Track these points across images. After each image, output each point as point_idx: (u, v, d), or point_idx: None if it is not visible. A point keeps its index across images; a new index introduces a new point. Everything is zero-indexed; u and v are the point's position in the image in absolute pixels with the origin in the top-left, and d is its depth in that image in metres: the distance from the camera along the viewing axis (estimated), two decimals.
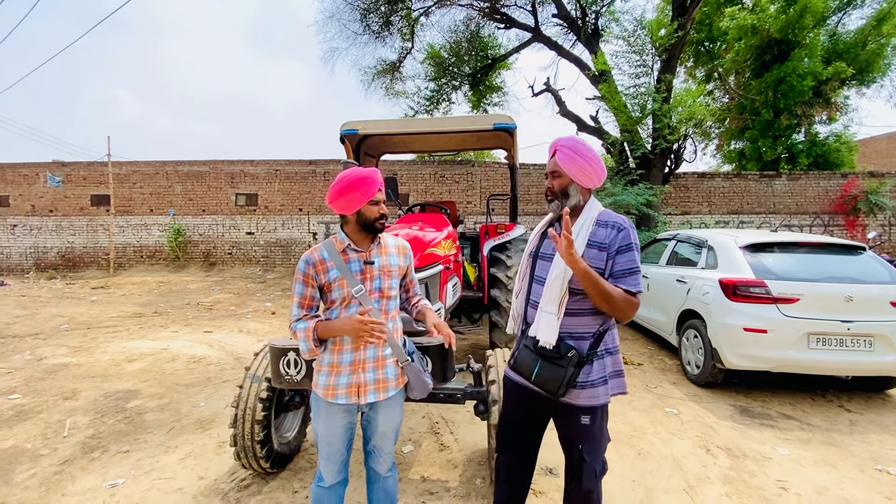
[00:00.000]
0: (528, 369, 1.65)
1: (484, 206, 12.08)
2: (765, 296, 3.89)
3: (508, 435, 1.89)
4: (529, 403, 1.79)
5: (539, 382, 1.64)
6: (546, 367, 1.61)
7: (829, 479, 2.79)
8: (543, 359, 1.62)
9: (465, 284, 4.76)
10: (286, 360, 2.22)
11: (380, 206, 1.78)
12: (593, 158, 1.65)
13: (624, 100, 9.84)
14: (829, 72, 11.10)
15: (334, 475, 1.83)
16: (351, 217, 1.77)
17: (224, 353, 5.35)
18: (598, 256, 1.62)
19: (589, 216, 1.68)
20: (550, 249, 1.71)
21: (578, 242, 1.61)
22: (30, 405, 3.80)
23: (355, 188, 1.71)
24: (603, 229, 1.66)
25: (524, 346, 1.69)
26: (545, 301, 1.64)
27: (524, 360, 1.67)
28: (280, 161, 12.76)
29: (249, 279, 11.69)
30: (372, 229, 1.78)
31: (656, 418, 3.62)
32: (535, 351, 1.64)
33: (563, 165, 1.67)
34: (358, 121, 4.08)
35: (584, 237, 1.63)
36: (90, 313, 7.61)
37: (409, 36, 13.07)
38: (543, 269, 1.72)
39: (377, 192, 1.75)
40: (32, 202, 13.00)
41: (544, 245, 1.77)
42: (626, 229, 1.64)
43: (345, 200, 1.73)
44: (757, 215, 12.19)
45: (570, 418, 1.69)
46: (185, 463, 2.91)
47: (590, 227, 1.65)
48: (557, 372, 1.59)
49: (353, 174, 1.74)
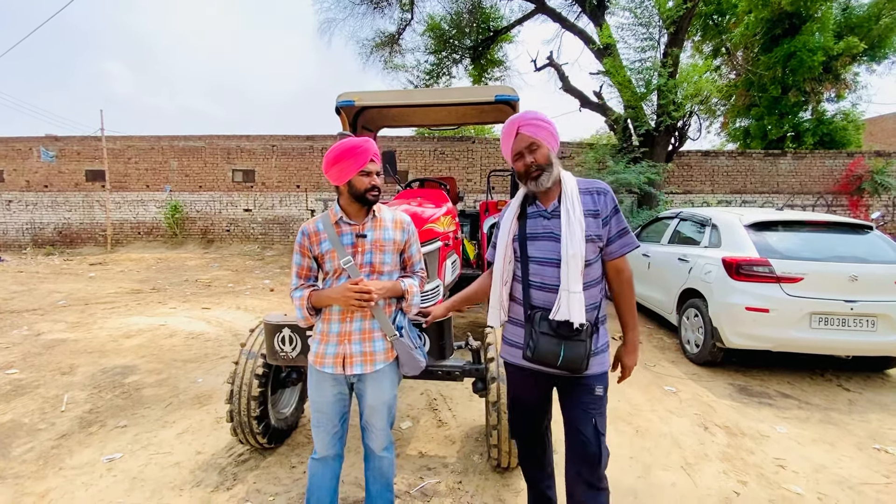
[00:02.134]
0: (553, 356, 1.56)
1: (484, 184, 11.94)
2: (768, 275, 3.83)
3: (520, 419, 1.85)
4: (536, 384, 1.75)
5: (565, 366, 1.57)
6: (570, 348, 1.55)
7: (827, 457, 2.79)
8: (567, 340, 1.55)
9: (465, 262, 4.71)
10: (281, 336, 2.18)
11: (371, 176, 1.73)
12: (551, 122, 1.66)
13: (629, 75, 9.60)
14: (840, 46, 10.81)
15: (325, 446, 1.81)
16: (343, 188, 1.74)
17: (222, 329, 5.34)
18: (595, 224, 1.61)
19: (570, 186, 1.64)
20: (541, 228, 1.65)
21: (577, 213, 1.58)
22: (27, 380, 3.80)
23: (346, 157, 1.69)
24: (588, 196, 1.65)
25: (542, 333, 1.57)
26: (569, 281, 1.54)
27: (547, 347, 1.56)
28: (277, 136, 12.55)
29: (247, 256, 11.64)
30: (364, 200, 1.74)
31: (655, 396, 3.62)
32: (557, 335, 1.56)
33: (537, 135, 1.63)
34: (355, 91, 3.93)
35: (578, 207, 1.60)
36: (88, 289, 7.58)
37: (408, 6, 12.68)
38: (543, 249, 1.63)
39: (368, 163, 1.71)
40: (27, 177, 12.84)
41: (530, 225, 1.68)
42: (608, 192, 1.67)
43: (336, 170, 1.71)
44: (760, 195, 12.06)
45: (583, 391, 1.63)
46: (182, 438, 2.91)
47: (578, 196, 1.62)
48: (580, 348, 1.56)
49: (346, 143, 1.71)
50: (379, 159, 1.78)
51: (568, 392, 1.68)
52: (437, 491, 2.40)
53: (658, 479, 2.54)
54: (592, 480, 1.62)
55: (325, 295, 1.74)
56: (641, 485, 2.48)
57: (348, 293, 1.66)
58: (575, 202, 1.60)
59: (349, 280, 1.71)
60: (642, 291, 5.81)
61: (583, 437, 1.62)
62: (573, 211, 1.58)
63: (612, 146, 10.82)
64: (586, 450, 1.61)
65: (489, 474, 2.54)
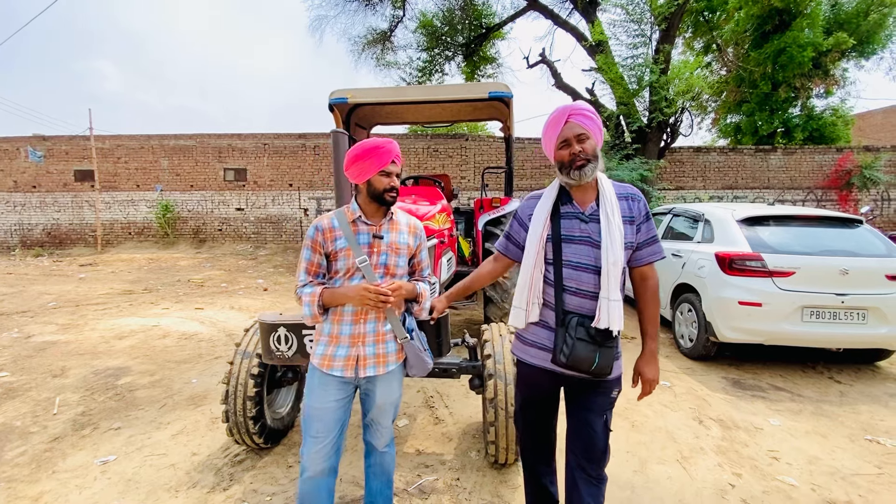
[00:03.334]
0: (588, 362, 1.54)
1: (478, 182, 11.93)
2: (760, 269, 3.87)
3: (531, 417, 1.84)
4: (549, 384, 1.73)
5: (597, 371, 1.56)
6: (604, 355, 1.56)
7: (819, 448, 2.83)
8: (602, 347, 1.55)
9: (460, 259, 4.70)
10: (276, 335, 2.17)
11: (391, 177, 1.74)
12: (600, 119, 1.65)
13: (621, 71, 9.62)
14: (829, 42, 10.89)
15: (322, 459, 1.70)
16: (362, 187, 1.74)
17: (216, 329, 5.30)
18: (630, 231, 1.60)
19: (609, 190, 1.61)
20: (578, 231, 1.59)
21: (617, 220, 1.55)
22: (18, 383, 3.74)
23: (369, 156, 1.69)
24: (624, 201, 1.62)
25: (579, 339, 1.54)
26: (611, 290, 1.53)
27: (583, 353, 1.53)
28: (268, 135, 12.45)
29: (240, 256, 11.56)
30: (382, 200, 1.74)
31: None
32: (594, 342, 1.55)
33: (589, 127, 1.58)
34: (348, 89, 3.92)
35: (618, 213, 1.57)
36: (78, 290, 7.49)
37: (400, 3, 12.61)
38: (579, 253, 1.59)
39: (390, 164, 1.72)
40: (14, 178, 12.63)
41: (565, 227, 1.61)
42: (642, 199, 1.66)
43: (357, 168, 1.71)
44: (751, 190, 12.16)
45: (600, 394, 1.64)
46: (177, 439, 2.89)
47: (616, 202, 1.59)
48: (611, 355, 1.57)
49: (370, 142, 1.72)
50: (400, 161, 1.79)
51: (582, 393, 1.67)
52: (434, 488, 2.40)
53: (654, 472, 2.56)
54: (595, 475, 1.65)
55: (339, 293, 1.69)
56: (638, 479, 2.50)
57: (365, 293, 1.62)
58: (615, 207, 1.57)
59: (364, 281, 1.68)
60: None
61: (593, 432, 1.63)
62: (613, 216, 1.55)
63: (604, 143, 10.84)
64: (594, 446, 1.63)
65: (486, 471, 2.54)
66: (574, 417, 1.70)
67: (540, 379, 1.72)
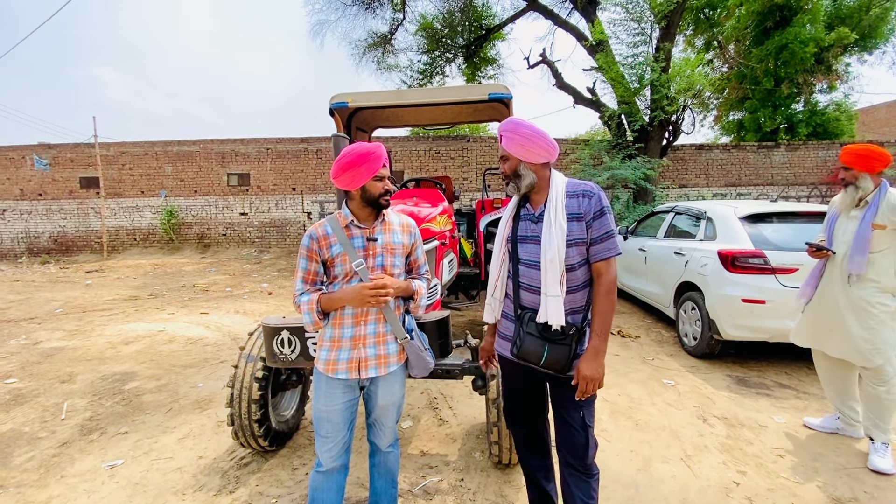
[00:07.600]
0: (536, 356, 1.64)
1: (480, 183, 11.94)
2: (764, 266, 3.86)
3: (513, 407, 1.91)
4: (528, 377, 1.79)
5: (548, 365, 1.64)
6: (554, 350, 1.62)
7: (824, 445, 2.82)
8: (551, 342, 1.62)
9: (462, 261, 4.72)
10: (280, 339, 2.19)
11: (384, 181, 1.75)
12: (531, 134, 1.64)
13: (622, 70, 9.62)
14: (831, 38, 10.85)
15: (333, 457, 1.77)
16: (355, 193, 1.74)
17: (221, 333, 5.33)
18: (579, 227, 1.63)
19: (557, 190, 1.67)
20: (530, 231, 1.70)
21: (559, 218, 1.61)
22: (27, 389, 3.79)
23: (360, 163, 1.68)
24: (574, 199, 1.66)
25: (528, 333, 1.64)
26: (549, 285, 1.60)
27: (531, 347, 1.64)
28: (271, 139, 12.52)
29: (245, 260, 11.62)
30: (377, 205, 1.76)
31: (653, 389, 3.64)
32: (542, 336, 1.63)
33: (507, 147, 1.68)
34: (348, 93, 3.93)
35: (561, 212, 1.63)
36: (85, 297, 7.56)
37: (400, 6, 12.65)
38: (530, 251, 1.69)
39: (382, 168, 1.73)
40: (20, 186, 12.77)
41: (521, 228, 1.74)
42: (595, 194, 1.66)
43: (349, 176, 1.70)
44: (755, 187, 12.11)
45: (571, 389, 1.67)
46: (183, 443, 2.91)
47: (562, 201, 1.65)
48: (564, 351, 1.62)
49: (358, 149, 1.70)
50: (388, 164, 1.80)
51: (558, 388, 1.74)
52: (439, 489, 2.41)
53: (658, 471, 2.56)
54: (582, 469, 1.72)
55: (336, 297, 1.70)
56: (642, 477, 2.50)
57: (364, 291, 1.63)
58: (559, 207, 1.63)
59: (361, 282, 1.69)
60: (639, 286, 5.83)
61: (571, 427, 1.71)
62: (555, 216, 1.62)
63: (606, 142, 10.84)
64: (574, 439, 1.70)
65: (490, 471, 2.55)
66: (555, 414, 1.78)
67: (514, 370, 1.82)
